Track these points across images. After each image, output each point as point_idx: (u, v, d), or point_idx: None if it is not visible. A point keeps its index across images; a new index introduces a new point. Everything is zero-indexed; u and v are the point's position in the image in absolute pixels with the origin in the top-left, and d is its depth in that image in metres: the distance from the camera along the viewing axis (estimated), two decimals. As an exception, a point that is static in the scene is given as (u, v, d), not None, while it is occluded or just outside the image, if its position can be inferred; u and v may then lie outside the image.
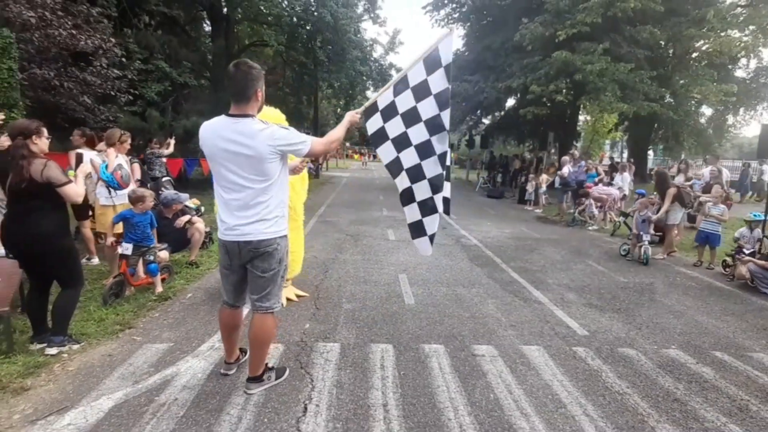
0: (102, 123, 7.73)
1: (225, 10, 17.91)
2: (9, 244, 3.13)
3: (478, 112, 20.65)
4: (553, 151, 18.73)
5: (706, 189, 7.62)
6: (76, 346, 3.28)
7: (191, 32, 19.93)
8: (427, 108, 3.19)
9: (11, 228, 3.06)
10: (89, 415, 2.43)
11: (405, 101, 3.28)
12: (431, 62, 3.25)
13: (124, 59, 7.78)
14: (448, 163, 3.25)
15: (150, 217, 4.76)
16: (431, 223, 3.36)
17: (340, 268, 5.70)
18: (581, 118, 27.46)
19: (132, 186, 4.91)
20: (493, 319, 4.08)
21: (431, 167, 3.21)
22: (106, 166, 4.86)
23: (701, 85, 13.89)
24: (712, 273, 6.32)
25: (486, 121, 23.74)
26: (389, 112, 3.34)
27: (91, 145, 5.35)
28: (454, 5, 20.87)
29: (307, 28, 17.21)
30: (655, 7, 12.49)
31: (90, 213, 5.29)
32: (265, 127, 2.34)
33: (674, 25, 13.76)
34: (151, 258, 4.57)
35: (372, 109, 3.35)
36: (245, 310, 2.97)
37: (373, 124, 3.37)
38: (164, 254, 5.17)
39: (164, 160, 7.75)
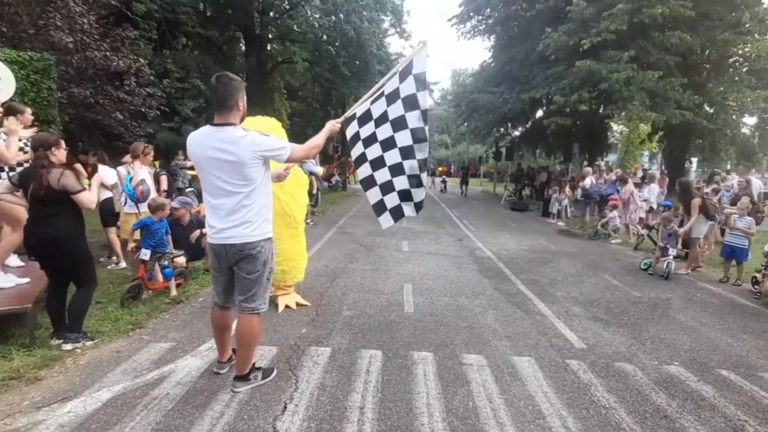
0: (136, 138, 8.29)
1: (258, 30, 18.81)
2: (30, 246, 3.45)
3: (506, 123, 20.46)
4: (585, 162, 18.27)
5: (735, 201, 7.24)
6: (89, 343, 3.54)
7: (226, 51, 21.02)
8: (397, 109, 3.58)
9: (32, 231, 3.37)
10: (88, 405, 2.64)
11: (378, 107, 3.66)
12: (405, 72, 3.58)
13: (153, 77, 8.33)
14: (418, 157, 3.64)
15: (165, 224, 5.08)
16: (392, 199, 3.86)
17: (347, 277, 5.82)
18: (615, 128, 26.66)
19: (153, 196, 5.25)
20: (489, 330, 4.07)
21: (393, 157, 3.70)
22: (131, 179, 5.24)
23: (738, 92, 13.23)
24: (739, 290, 5.99)
25: (514, 132, 23.48)
26: (364, 118, 3.73)
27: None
28: (480, 17, 20.93)
29: (333, 43, 17.76)
30: (685, 13, 12.08)
31: (116, 220, 5.69)
32: (246, 134, 2.52)
33: (707, 30, 13.24)
34: (166, 263, 4.86)
35: (350, 119, 3.70)
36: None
37: (351, 130, 3.78)
38: (181, 260, 5.47)
39: (188, 171, 8.20)
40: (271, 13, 18.61)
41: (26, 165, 3.80)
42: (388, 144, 3.67)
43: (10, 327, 3.55)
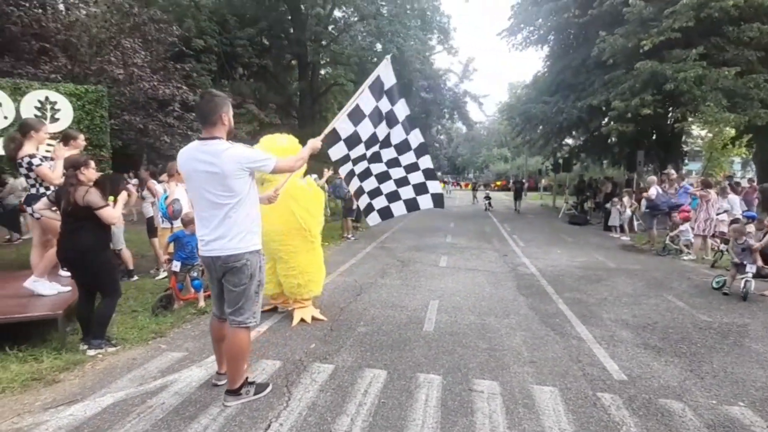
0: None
1: (310, 57, 19.74)
2: (60, 257, 3.71)
3: (562, 133, 19.35)
4: (648, 171, 16.69)
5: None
6: (111, 349, 3.70)
7: (280, 78, 22.23)
8: (383, 130, 4.17)
9: (62, 244, 3.63)
10: (89, 409, 2.71)
11: (365, 128, 4.11)
12: (377, 89, 4.02)
13: (194, 102, 8.94)
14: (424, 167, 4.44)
15: (196, 238, 5.28)
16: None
17: (373, 293, 5.66)
18: (695, 133, 24.23)
19: (186, 211, 5.51)
20: (512, 353, 3.69)
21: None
22: (167, 197, 5.55)
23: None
24: (840, 316, 4.97)
25: (570, 142, 22.18)
26: (352, 141, 4.15)
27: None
28: (531, 28, 20.22)
29: (374, 62, 18.08)
30: (764, 2, 10.69)
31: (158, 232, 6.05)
32: (230, 146, 2.54)
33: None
34: (195, 274, 5.03)
35: (334, 139, 4.04)
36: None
37: (337, 152, 4.18)
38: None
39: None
40: (323, 42, 19.46)
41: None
42: (378, 158, 4.35)
43: (50, 331, 3.81)
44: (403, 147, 4.28)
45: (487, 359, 3.55)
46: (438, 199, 4.61)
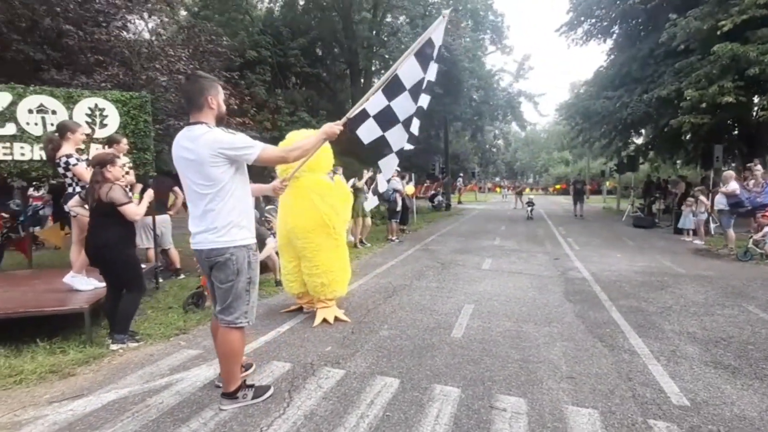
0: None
1: (361, 64, 19.88)
2: (87, 253, 3.80)
3: (627, 130, 17.72)
4: (726, 168, 14.75)
5: None
6: (133, 344, 3.72)
7: (332, 85, 22.60)
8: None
9: (88, 240, 3.71)
10: (90, 405, 2.67)
11: (403, 105, 3.42)
12: (426, 57, 3.31)
13: (263, 112, 9.16)
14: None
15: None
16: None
17: (406, 295, 5.35)
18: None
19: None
20: (548, 366, 3.21)
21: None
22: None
23: None
24: None
25: (638, 140, 20.30)
26: (384, 118, 3.45)
27: None
28: (593, 20, 18.82)
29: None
30: None
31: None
32: (207, 131, 2.35)
33: None
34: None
35: (362, 118, 3.40)
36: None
37: (367, 134, 3.48)
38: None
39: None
40: (374, 48, 19.52)
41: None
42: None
43: (82, 326, 3.92)
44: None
45: (517, 372, 3.11)
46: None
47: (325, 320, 4.23)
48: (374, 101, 3.40)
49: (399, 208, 10.68)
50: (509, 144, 56.74)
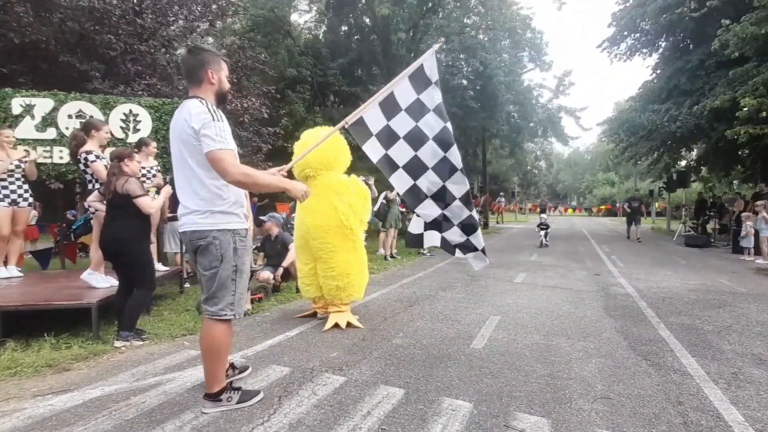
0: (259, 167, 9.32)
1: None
2: (100, 245, 3.77)
3: (676, 145, 16.50)
4: None
5: None
6: (137, 342, 3.60)
7: (367, 102, 22.85)
8: (432, 124, 3.58)
9: (103, 232, 3.68)
10: (71, 401, 2.52)
11: (402, 124, 3.56)
12: (420, 80, 3.55)
13: (266, 116, 9.33)
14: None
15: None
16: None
17: (428, 305, 4.99)
18: None
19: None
20: (579, 384, 2.76)
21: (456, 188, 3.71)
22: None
23: None
24: None
25: (690, 155, 18.86)
26: (388, 138, 3.60)
27: None
28: (637, 34, 17.95)
29: (460, 79, 17.59)
30: None
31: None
32: (196, 107, 2.18)
33: None
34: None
35: (363, 132, 3.56)
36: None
37: (373, 152, 3.64)
38: (265, 275, 5.51)
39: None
40: (410, 66, 19.65)
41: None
42: (443, 169, 3.68)
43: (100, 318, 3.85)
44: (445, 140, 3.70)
45: (542, 388, 2.68)
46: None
47: (336, 325, 3.97)
48: (373, 119, 3.57)
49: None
50: (551, 165, 55.02)
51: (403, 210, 10.01)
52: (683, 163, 18.54)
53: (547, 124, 23.03)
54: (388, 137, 3.61)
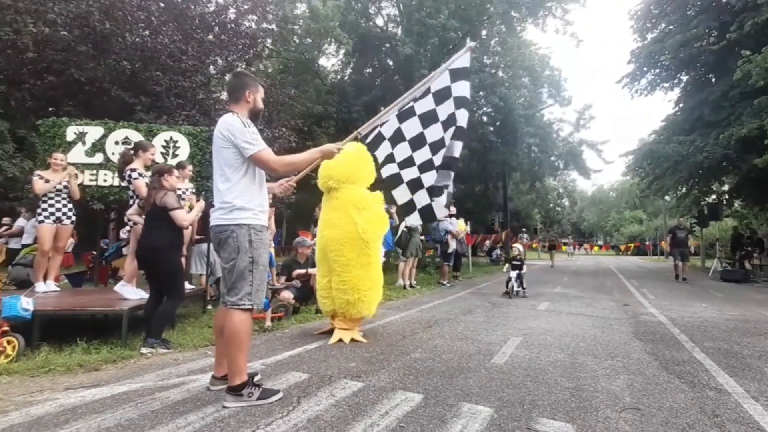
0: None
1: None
2: (138, 255, 3.96)
3: (705, 177, 16.11)
4: None
5: None
6: (162, 350, 3.69)
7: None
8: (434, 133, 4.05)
9: (140, 242, 3.89)
10: (100, 394, 2.60)
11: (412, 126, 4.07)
12: (442, 93, 4.06)
13: (294, 144, 9.75)
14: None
15: (269, 255, 5.33)
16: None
17: (447, 326, 4.93)
18: None
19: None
20: (607, 396, 2.65)
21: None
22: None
23: None
24: None
25: (722, 187, 18.30)
26: (396, 138, 4.05)
27: None
28: (656, 70, 18.10)
29: (479, 114, 17.95)
30: None
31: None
32: (229, 117, 2.49)
33: None
34: (263, 293, 4.99)
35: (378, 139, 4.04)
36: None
37: (381, 152, 4.09)
38: (286, 294, 5.60)
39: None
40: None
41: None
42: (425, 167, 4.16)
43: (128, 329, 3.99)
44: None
45: (566, 398, 2.60)
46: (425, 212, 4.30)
47: (341, 340, 4.00)
48: (387, 125, 3.96)
49: (451, 249, 10.30)
50: (575, 203, 54.18)
51: (423, 238, 10.04)
52: (714, 197, 17.97)
53: (568, 158, 22.98)
54: (396, 137, 4.04)
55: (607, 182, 68.89)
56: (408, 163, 4.11)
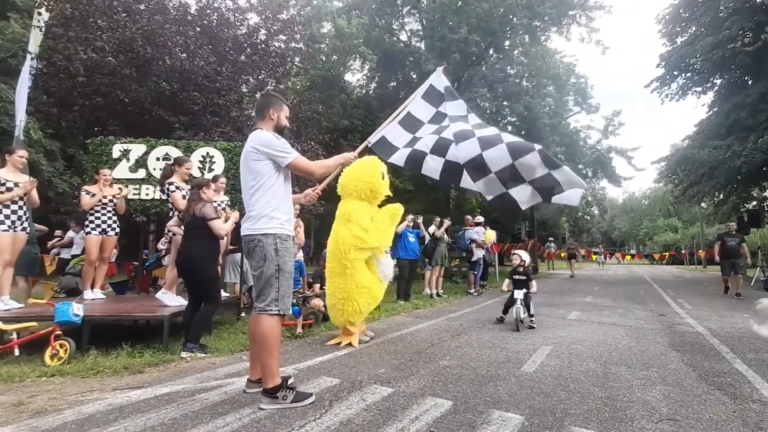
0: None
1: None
2: (178, 263, 4.16)
3: (741, 181, 15.39)
4: None
5: None
6: (201, 354, 3.86)
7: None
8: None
9: (180, 251, 4.10)
10: (145, 395, 2.76)
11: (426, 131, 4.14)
12: (434, 96, 4.29)
13: (322, 157, 10.02)
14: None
15: (300, 264, 5.49)
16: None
17: (475, 334, 4.92)
18: None
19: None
20: (642, 407, 2.60)
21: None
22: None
23: None
24: None
25: (763, 194, 17.42)
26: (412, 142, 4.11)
27: None
28: (688, 73, 17.56)
29: (504, 124, 17.84)
30: None
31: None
32: (258, 133, 2.68)
33: None
34: (294, 301, 5.13)
35: (388, 148, 4.10)
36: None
37: (399, 157, 4.11)
38: (316, 302, 5.72)
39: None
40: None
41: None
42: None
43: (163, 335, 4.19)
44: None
45: (600, 408, 2.56)
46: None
47: (350, 344, 4.28)
48: (396, 136, 4.09)
49: (475, 258, 10.24)
50: (605, 211, 52.51)
51: (448, 240, 10.01)
52: (754, 203, 17.14)
53: (597, 166, 22.40)
54: (413, 142, 4.09)
55: (639, 189, 66.57)
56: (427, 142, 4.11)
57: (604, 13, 18.93)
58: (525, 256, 5.87)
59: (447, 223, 9.52)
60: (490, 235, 11.17)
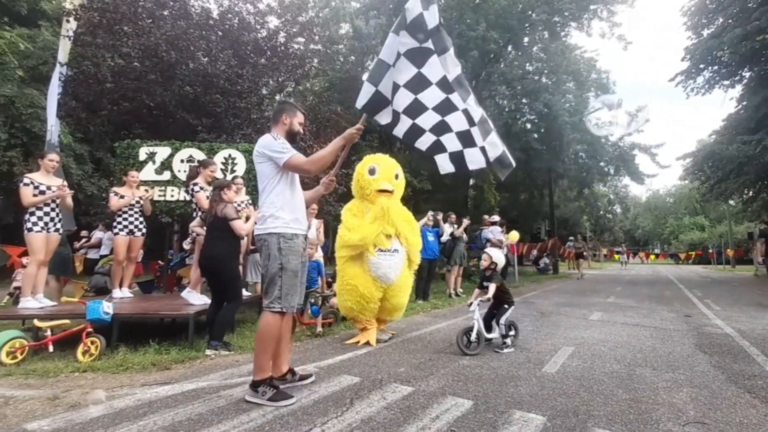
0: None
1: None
2: (200, 263, 4.27)
3: (767, 179, 14.82)
4: None
5: None
6: (224, 352, 3.95)
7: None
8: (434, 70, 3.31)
9: (202, 251, 4.21)
10: (172, 390, 2.85)
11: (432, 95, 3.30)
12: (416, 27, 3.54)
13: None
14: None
15: (318, 264, 5.56)
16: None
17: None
18: None
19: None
20: (669, 409, 2.55)
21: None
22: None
23: None
24: None
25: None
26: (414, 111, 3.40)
27: None
28: (715, 67, 16.97)
29: (523, 122, 17.60)
30: None
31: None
32: (265, 137, 2.78)
33: None
34: (312, 300, 5.20)
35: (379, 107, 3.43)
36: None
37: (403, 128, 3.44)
38: (335, 301, 5.78)
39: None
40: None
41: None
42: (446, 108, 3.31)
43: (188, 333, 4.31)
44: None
45: (624, 410, 2.52)
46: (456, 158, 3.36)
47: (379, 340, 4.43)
48: (399, 98, 3.38)
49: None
50: (628, 209, 51.15)
51: (466, 239, 9.93)
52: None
53: (620, 163, 21.87)
54: (417, 110, 3.40)
55: (663, 187, 64.69)
56: (420, 109, 3.38)
57: (626, 8, 18.44)
58: (498, 256, 4.65)
59: (466, 222, 9.47)
60: (514, 236, 11.08)
